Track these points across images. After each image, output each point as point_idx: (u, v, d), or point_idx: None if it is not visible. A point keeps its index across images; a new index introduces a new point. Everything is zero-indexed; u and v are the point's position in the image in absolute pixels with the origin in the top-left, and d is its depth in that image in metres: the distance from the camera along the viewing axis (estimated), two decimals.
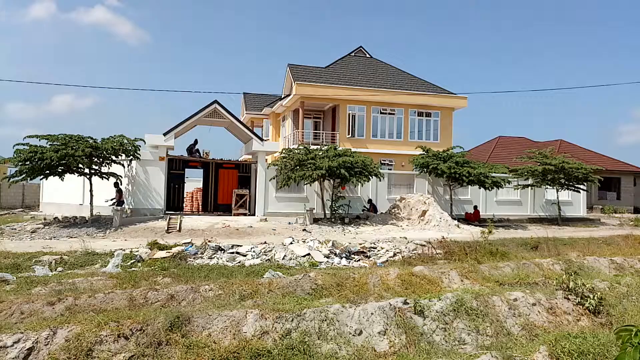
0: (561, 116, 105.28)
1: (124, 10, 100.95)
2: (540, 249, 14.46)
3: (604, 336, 4.94)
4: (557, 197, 25.35)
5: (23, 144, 17.40)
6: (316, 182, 21.33)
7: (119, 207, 18.26)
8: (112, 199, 19.68)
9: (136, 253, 11.73)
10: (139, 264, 10.86)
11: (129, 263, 10.93)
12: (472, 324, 6.29)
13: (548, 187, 25.40)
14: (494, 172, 23.52)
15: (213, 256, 12.11)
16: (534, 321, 6.67)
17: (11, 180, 17.52)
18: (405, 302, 6.43)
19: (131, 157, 19.46)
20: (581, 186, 25.57)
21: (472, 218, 23.43)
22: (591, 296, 6.92)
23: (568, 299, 7.15)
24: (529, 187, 25.53)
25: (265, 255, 12.25)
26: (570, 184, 24.76)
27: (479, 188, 23.51)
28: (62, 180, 18.46)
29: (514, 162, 28.50)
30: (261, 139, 23.02)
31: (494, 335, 6.22)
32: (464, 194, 25.16)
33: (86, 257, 11.33)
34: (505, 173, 24.66)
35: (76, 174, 18.46)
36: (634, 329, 2.66)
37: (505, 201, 26.21)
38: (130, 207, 20.20)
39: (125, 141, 18.88)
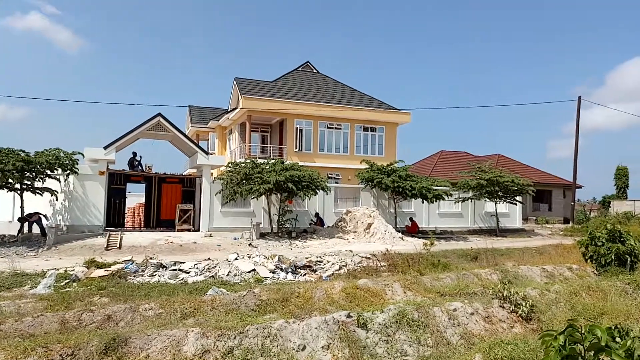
0: (500, 131, 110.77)
1: (61, 18, 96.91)
2: (479, 260, 15.06)
3: (534, 342, 5.20)
4: (496, 209, 26.53)
5: None
6: (263, 197, 21.19)
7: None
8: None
9: (71, 272, 11.16)
10: (74, 284, 10.33)
11: (63, 283, 10.37)
12: (414, 335, 6.42)
13: (487, 199, 26.54)
14: (436, 186, 24.32)
15: (155, 274, 11.72)
16: (472, 330, 6.91)
17: None
18: (348, 316, 6.48)
19: (68, 171, 18.55)
20: (517, 198, 26.91)
21: (411, 230, 24.01)
22: (524, 304, 7.26)
23: (503, 307, 7.47)
24: (469, 200, 26.57)
25: (209, 271, 12.00)
26: (506, 196, 26.00)
27: (422, 201, 24.20)
28: None
29: (455, 176, 29.62)
30: (206, 153, 22.64)
31: (434, 346, 6.38)
32: (408, 207, 25.81)
33: (14, 278, 10.65)
34: (447, 187, 25.56)
35: (5, 190, 17.36)
36: (554, 333, 2.82)
37: (447, 213, 27.11)
38: (67, 223, 19.21)
39: (62, 155, 17.98)
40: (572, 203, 34.23)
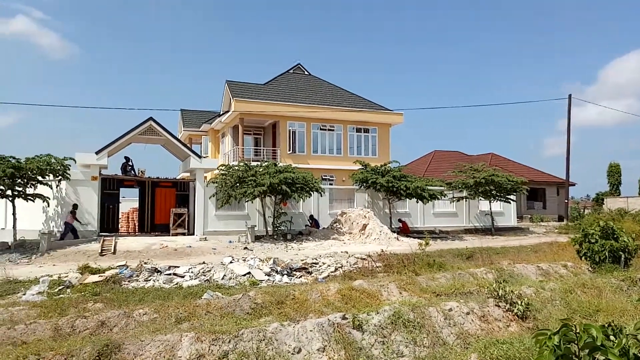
0: (493, 130, 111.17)
1: (48, 22, 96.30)
2: (474, 259, 15.08)
3: (529, 340, 5.19)
4: (490, 208, 26.61)
5: None
6: (257, 199, 21.14)
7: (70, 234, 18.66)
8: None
9: (65, 278, 11.08)
10: (68, 290, 10.25)
11: (56, 290, 10.27)
12: (410, 336, 6.40)
13: (481, 198, 26.63)
14: (431, 186, 24.36)
15: (149, 278, 11.64)
16: (468, 330, 6.90)
17: None
18: (344, 317, 6.46)
19: (60, 177, 18.42)
20: (511, 197, 27.01)
21: (403, 231, 24.00)
22: (519, 302, 7.26)
23: (499, 306, 7.46)
24: (464, 199, 26.64)
25: (204, 275, 11.93)
26: (501, 195, 26.09)
27: (417, 201, 24.23)
28: None
29: (449, 176, 29.73)
30: (199, 156, 22.57)
31: (430, 346, 6.36)
32: (403, 207, 25.83)
33: (7, 285, 10.55)
34: (442, 186, 25.61)
35: None
36: (548, 333, 2.81)
37: (442, 213, 27.16)
38: (60, 229, 19.08)
39: (53, 160, 17.85)
40: (566, 201, 34.42)
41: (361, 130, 32.95)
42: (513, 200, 27.84)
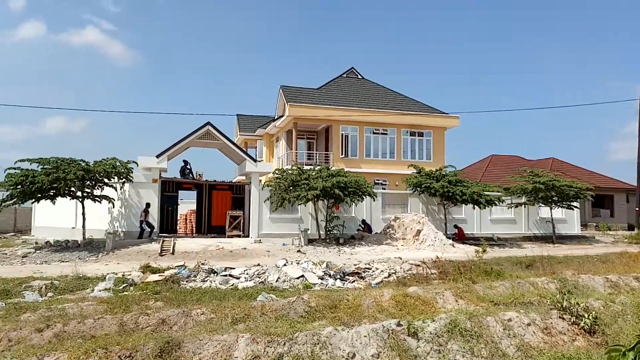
0: (554, 133, 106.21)
1: (115, 33, 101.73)
2: (534, 268, 14.44)
3: (599, 357, 4.90)
4: (551, 215, 25.42)
5: (14, 168, 17.33)
6: (310, 203, 21.30)
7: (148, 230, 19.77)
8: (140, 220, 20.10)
9: (128, 277, 11.61)
10: (131, 288, 10.73)
11: (120, 287, 10.80)
12: (467, 346, 6.22)
13: (541, 205, 25.48)
14: (488, 191, 23.61)
15: (206, 279, 11.99)
16: (529, 342, 6.62)
17: (2, 204, 17.38)
18: (398, 324, 6.37)
19: (124, 179, 19.40)
20: (574, 203, 25.68)
21: (458, 238, 23.34)
22: (586, 315, 6.88)
23: (563, 318, 7.11)
24: (523, 206, 25.61)
25: (259, 277, 12.14)
26: (563, 201, 24.86)
27: (473, 207, 23.54)
28: (54, 203, 18.35)
29: (507, 181, 28.65)
30: (254, 160, 23.04)
31: (488, 357, 6.15)
32: (458, 213, 25.16)
33: (77, 281, 11.19)
34: (499, 192, 24.75)
35: (68, 198, 18.34)
36: (622, 349, 2.64)
37: (499, 220, 26.23)
38: (124, 229, 20.07)
39: (118, 164, 18.84)
40: (637, 208, 32.22)
41: (415, 133, 32.45)
42: (576, 207, 26.44)
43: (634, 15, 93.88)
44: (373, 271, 13.53)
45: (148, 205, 20.18)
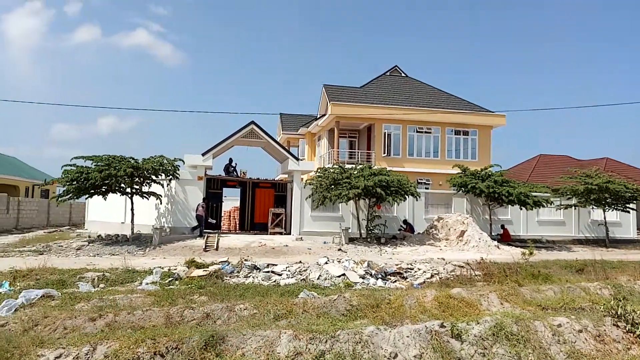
0: (607, 132, 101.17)
1: (164, 34, 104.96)
2: (586, 272, 13.83)
3: None
4: (604, 218, 24.29)
5: (70, 165, 18.20)
6: (351, 202, 21.26)
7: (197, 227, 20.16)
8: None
9: (174, 271, 11.95)
10: (177, 282, 11.05)
11: (167, 281, 11.13)
12: (513, 350, 6.04)
13: (593, 207, 24.39)
14: (535, 192, 22.82)
15: (249, 275, 12.19)
16: (580, 349, 6.35)
17: (59, 199, 18.30)
18: (442, 325, 6.26)
19: (170, 176, 20.00)
20: (630, 205, 24.43)
21: (503, 239, 22.66)
22: None
23: (617, 325, 6.78)
24: (573, 207, 24.60)
25: (300, 274, 12.23)
26: (618, 203, 23.70)
27: (520, 208, 22.82)
28: (106, 199, 19.16)
29: (556, 182, 27.59)
30: (297, 159, 23.22)
31: None
32: (504, 214, 24.46)
33: (126, 274, 11.63)
34: (547, 193, 23.87)
35: (118, 193, 19.09)
36: None
37: (547, 221, 25.31)
38: (170, 225, 20.70)
39: (165, 161, 19.44)
40: None
41: (460, 132, 31.77)
42: (633, 210, 25.13)
43: None
44: (415, 271, 13.35)
45: (205, 199, 20.70)
